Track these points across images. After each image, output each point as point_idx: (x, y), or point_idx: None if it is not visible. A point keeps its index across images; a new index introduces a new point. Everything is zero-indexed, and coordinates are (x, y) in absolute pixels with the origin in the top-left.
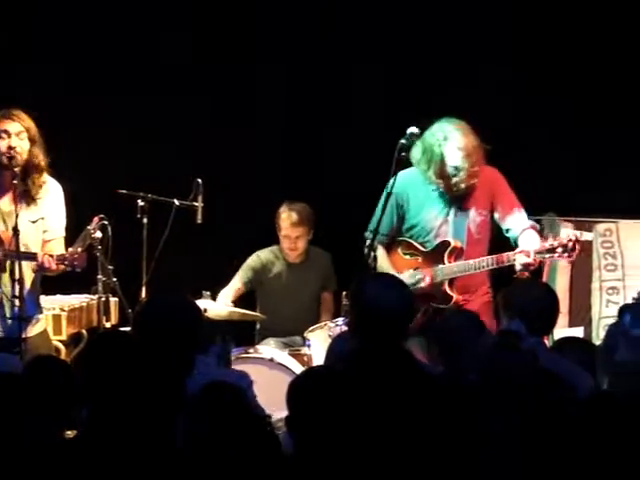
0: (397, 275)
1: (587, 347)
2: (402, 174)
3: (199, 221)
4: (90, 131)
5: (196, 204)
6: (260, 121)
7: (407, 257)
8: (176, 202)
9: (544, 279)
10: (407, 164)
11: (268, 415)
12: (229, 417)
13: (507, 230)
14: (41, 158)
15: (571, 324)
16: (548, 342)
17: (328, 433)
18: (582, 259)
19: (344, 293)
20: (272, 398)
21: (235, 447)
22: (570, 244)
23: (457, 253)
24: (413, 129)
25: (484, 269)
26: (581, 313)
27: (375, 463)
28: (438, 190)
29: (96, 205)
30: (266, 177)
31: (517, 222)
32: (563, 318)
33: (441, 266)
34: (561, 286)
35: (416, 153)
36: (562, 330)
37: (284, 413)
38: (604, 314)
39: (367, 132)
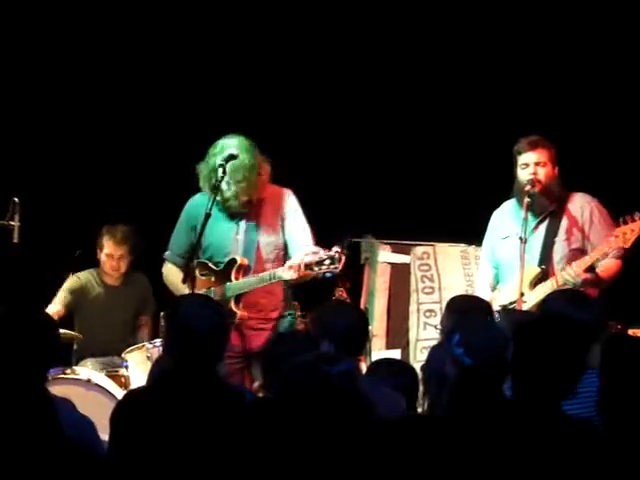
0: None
1: (403, 369)
2: (194, 197)
3: (16, 240)
4: None
5: (13, 223)
6: (79, 142)
7: (203, 277)
8: None
9: (362, 301)
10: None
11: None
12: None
13: (290, 254)
14: None
15: (389, 346)
16: (365, 363)
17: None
18: (400, 282)
19: (162, 314)
20: None
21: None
22: (337, 255)
23: (244, 270)
24: (232, 150)
25: (261, 284)
26: (399, 335)
27: None
28: (222, 208)
29: None
30: (86, 198)
31: (295, 244)
32: (381, 340)
33: (229, 283)
34: (379, 308)
35: (202, 168)
36: (380, 352)
37: (101, 435)
38: (422, 336)
39: (188, 155)
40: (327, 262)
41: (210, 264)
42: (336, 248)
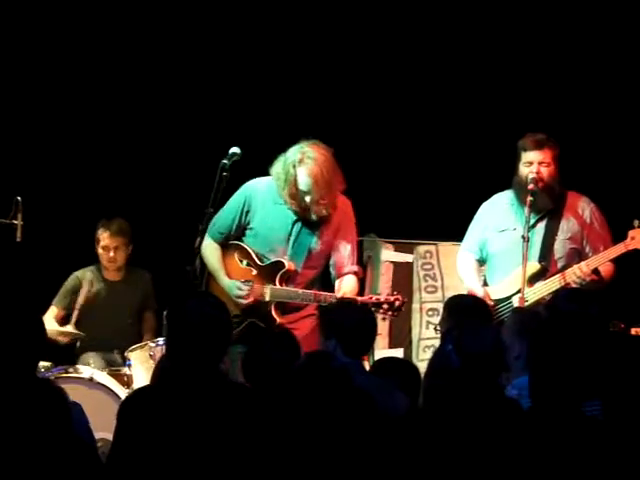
0: (225, 279)
1: (406, 367)
2: (259, 181)
3: (19, 239)
4: None
5: (15, 222)
6: (81, 141)
7: (243, 265)
8: None
9: None
10: (228, 184)
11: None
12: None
13: (331, 265)
14: None
15: (391, 345)
16: (368, 362)
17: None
18: (402, 280)
19: (165, 312)
20: (92, 418)
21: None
22: (397, 303)
23: (289, 276)
24: (235, 149)
25: (305, 302)
26: (401, 334)
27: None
28: (289, 206)
29: None
30: (88, 197)
31: (342, 261)
32: (383, 339)
33: (270, 287)
34: None
35: (277, 167)
36: (382, 351)
37: (103, 433)
38: (424, 335)
39: (191, 154)
40: (385, 307)
41: (253, 254)
42: (398, 296)
